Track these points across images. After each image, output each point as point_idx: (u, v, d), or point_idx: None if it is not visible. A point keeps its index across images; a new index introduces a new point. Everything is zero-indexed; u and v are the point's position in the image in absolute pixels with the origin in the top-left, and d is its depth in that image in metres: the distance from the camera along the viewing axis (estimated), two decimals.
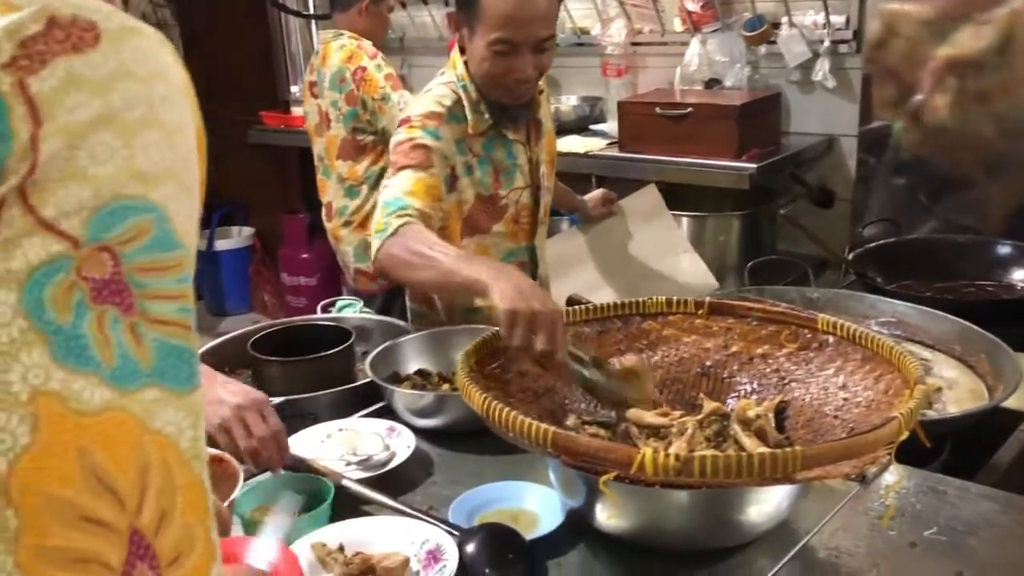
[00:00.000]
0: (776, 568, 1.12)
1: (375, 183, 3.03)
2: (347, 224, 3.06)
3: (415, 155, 1.72)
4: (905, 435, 0.99)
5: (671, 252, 2.47)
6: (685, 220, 2.83)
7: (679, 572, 1.12)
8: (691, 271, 2.43)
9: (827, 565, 1.13)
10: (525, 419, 1.03)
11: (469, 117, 1.81)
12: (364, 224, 3.03)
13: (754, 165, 2.65)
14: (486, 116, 1.83)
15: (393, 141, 1.79)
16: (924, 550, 1.14)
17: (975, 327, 1.89)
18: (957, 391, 1.79)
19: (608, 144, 3.05)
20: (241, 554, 1.00)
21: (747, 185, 2.65)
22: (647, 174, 2.88)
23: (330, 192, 3.09)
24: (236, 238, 4.94)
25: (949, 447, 1.66)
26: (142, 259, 0.47)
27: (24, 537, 0.42)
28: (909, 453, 1.05)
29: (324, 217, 3.16)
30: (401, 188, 1.67)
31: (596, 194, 2.48)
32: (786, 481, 0.94)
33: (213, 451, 1.25)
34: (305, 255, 4.39)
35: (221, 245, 4.86)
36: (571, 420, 1.20)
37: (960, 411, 1.63)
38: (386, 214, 1.62)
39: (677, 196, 2.92)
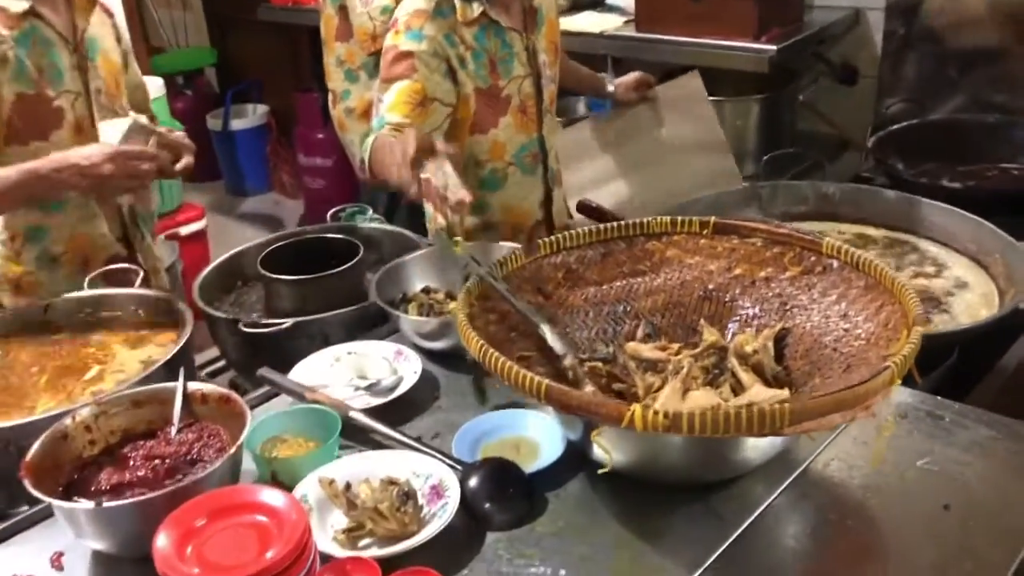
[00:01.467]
0: (771, 499, 1.15)
1: (373, 69, 2.96)
2: (349, 112, 3.03)
3: (397, 67, 1.74)
4: (897, 383, 0.99)
5: (701, 150, 2.37)
6: None
7: (676, 503, 1.16)
8: (721, 169, 2.35)
9: (821, 495, 1.16)
10: (520, 370, 1.04)
11: (457, 5, 1.78)
12: (366, 113, 2.99)
13: (774, 47, 2.55)
14: (475, 3, 1.79)
15: (383, 49, 1.76)
16: (915, 481, 1.17)
17: (991, 226, 1.86)
18: (968, 294, 1.78)
19: (624, 22, 2.94)
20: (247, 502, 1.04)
21: (766, 68, 2.56)
22: (663, 56, 2.79)
23: (333, 77, 3.04)
24: (251, 117, 4.89)
25: (957, 351, 1.67)
26: None
27: None
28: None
29: (330, 103, 3.12)
30: (384, 106, 1.71)
31: (630, 78, 2.41)
32: (775, 434, 0.96)
33: (221, 390, 1.29)
34: (320, 135, 4.34)
35: (236, 124, 4.82)
36: (569, 359, 1.21)
37: (969, 323, 1.63)
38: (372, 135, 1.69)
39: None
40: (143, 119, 1.77)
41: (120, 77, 1.91)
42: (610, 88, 2.45)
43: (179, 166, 1.74)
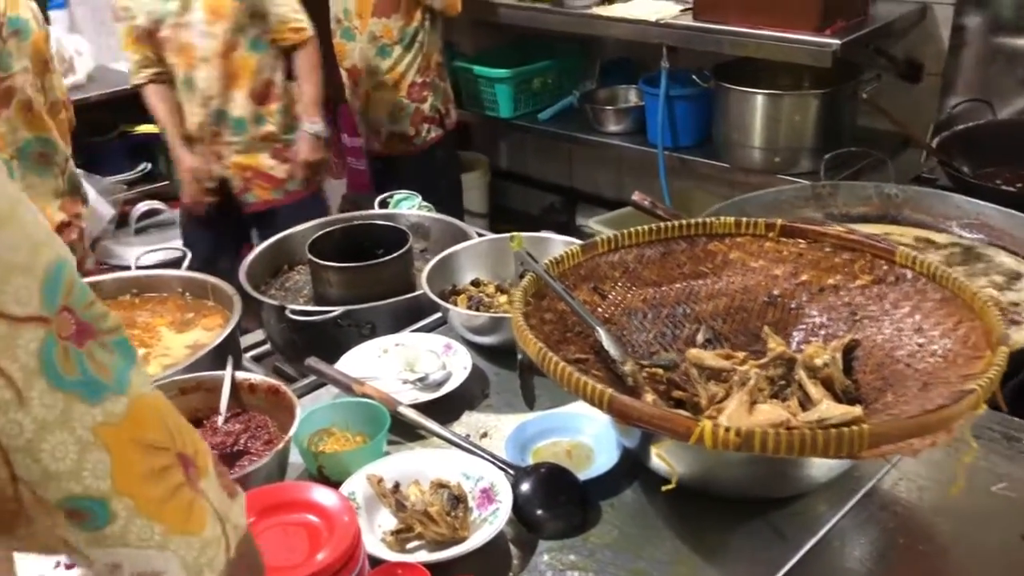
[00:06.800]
0: (835, 519, 1.11)
1: (409, 43, 2.96)
2: (379, 87, 3.05)
3: None
4: (982, 410, 0.94)
5: None
6: (760, 98, 2.69)
7: (735, 518, 1.11)
8: None
9: (889, 517, 1.11)
10: (582, 377, 1.00)
11: None
12: (397, 85, 2.99)
13: (837, 41, 2.47)
14: None
15: None
16: (991, 507, 1.11)
17: None
18: None
19: (682, 11, 2.87)
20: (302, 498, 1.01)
21: (829, 63, 2.48)
22: (724, 47, 2.72)
23: (354, 55, 3.04)
24: None
25: None
26: (83, 298, 0.60)
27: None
28: None
29: (350, 81, 3.11)
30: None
31: (304, 148, 2.76)
32: (852, 457, 0.91)
33: (270, 380, 1.26)
34: None
35: None
36: (629, 365, 1.17)
37: None
38: None
39: (753, 70, 2.76)
40: None
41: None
42: (304, 125, 2.73)
43: None
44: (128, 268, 1.74)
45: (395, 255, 1.70)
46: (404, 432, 1.30)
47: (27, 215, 0.59)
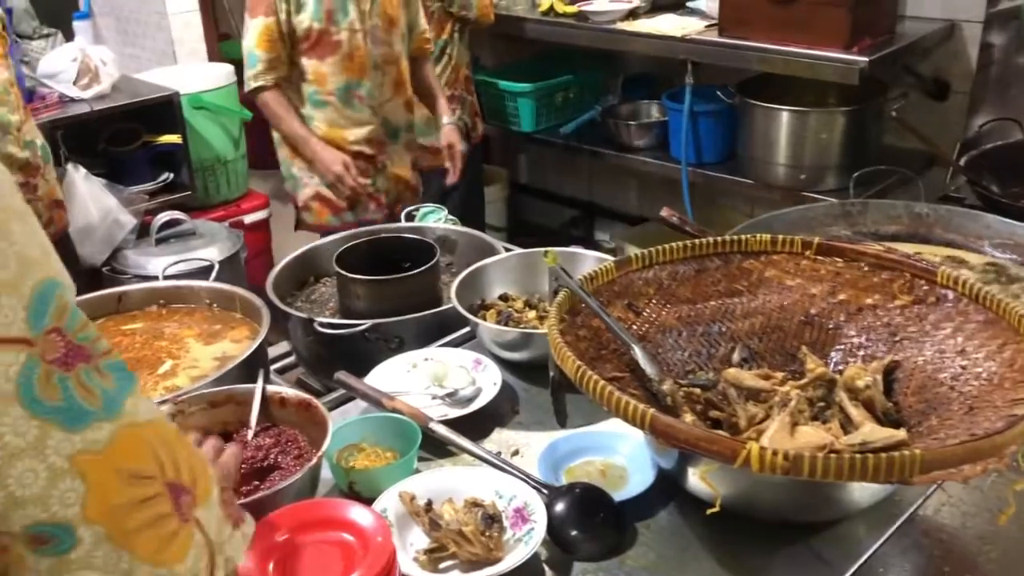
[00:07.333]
0: (876, 545, 1.08)
1: (439, 55, 2.97)
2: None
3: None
4: None
5: None
6: (785, 115, 2.67)
7: (775, 542, 1.09)
8: None
9: (933, 544, 1.09)
10: (623, 396, 0.98)
11: None
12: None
13: (865, 58, 2.45)
14: None
15: None
16: None
17: None
18: None
19: (707, 27, 2.86)
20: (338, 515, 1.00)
21: (856, 80, 2.46)
22: (749, 63, 2.71)
23: None
24: None
25: None
26: (77, 320, 0.59)
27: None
28: None
29: None
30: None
31: (452, 135, 2.75)
32: (903, 482, 0.88)
33: (301, 395, 1.25)
34: None
35: None
36: (667, 385, 1.15)
37: None
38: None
39: (778, 87, 2.75)
40: None
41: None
42: (444, 120, 2.74)
43: None
44: (152, 279, 1.73)
45: (423, 268, 1.69)
46: (433, 449, 1.28)
47: (19, 229, 0.57)
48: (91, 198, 2.79)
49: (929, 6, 2.73)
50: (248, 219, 3.51)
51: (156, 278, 1.84)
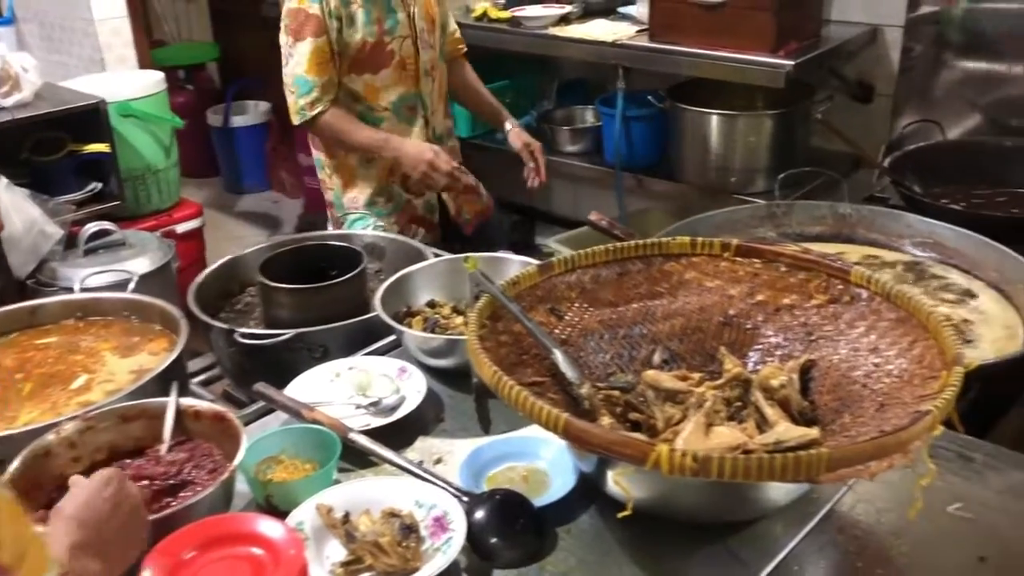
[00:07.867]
0: (793, 543, 1.09)
1: None
2: None
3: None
4: (939, 431, 0.93)
5: None
6: (714, 118, 2.70)
7: (693, 543, 1.09)
8: None
9: (847, 541, 1.10)
10: (537, 402, 0.97)
11: None
12: None
13: (791, 62, 2.49)
14: None
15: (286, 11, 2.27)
16: (948, 528, 1.11)
17: (1015, 255, 1.80)
18: (991, 325, 1.72)
19: (638, 32, 2.88)
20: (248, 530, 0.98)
21: (782, 84, 2.50)
22: (679, 67, 2.73)
23: None
24: (252, 114, 4.82)
25: (978, 385, 1.61)
26: None
27: None
28: None
29: None
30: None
31: (523, 134, 2.61)
32: (810, 481, 0.89)
33: (215, 407, 1.22)
34: None
35: (237, 121, 4.75)
36: (586, 388, 1.15)
37: (996, 357, 1.57)
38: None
39: (707, 91, 2.78)
40: None
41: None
42: (507, 126, 2.60)
43: None
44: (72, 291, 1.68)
45: (348, 276, 1.67)
46: (356, 459, 1.26)
47: None
48: (14, 208, 2.70)
49: (853, 11, 2.79)
50: (181, 228, 3.44)
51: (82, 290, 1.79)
